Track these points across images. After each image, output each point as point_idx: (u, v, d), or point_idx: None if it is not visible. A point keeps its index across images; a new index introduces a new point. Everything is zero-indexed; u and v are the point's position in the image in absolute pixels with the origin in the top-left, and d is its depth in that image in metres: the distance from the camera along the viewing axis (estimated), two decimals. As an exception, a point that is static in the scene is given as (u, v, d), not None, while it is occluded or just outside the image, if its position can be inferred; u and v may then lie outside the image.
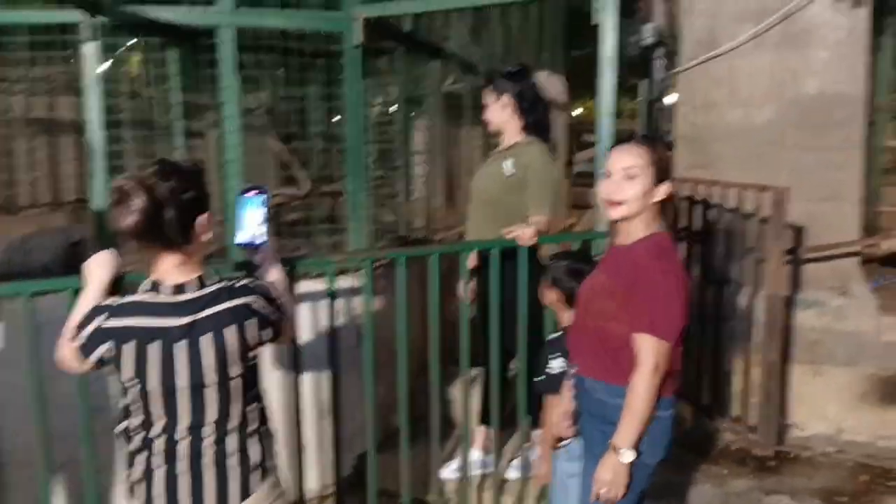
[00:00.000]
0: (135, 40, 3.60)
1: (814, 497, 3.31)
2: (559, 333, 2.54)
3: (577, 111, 23.26)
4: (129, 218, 1.59)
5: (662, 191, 1.95)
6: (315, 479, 3.28)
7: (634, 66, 4.34)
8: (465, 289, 2.93)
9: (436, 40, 4.40)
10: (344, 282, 2.87)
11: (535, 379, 2.61)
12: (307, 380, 3.04)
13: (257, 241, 1.92)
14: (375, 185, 4.01)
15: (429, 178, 4.41)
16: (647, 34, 3.86)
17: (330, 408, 3.26)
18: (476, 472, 3.25)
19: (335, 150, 3.81)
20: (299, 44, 3.47)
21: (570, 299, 2.33)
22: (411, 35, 4.06)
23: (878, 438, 3.69)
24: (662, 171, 1.95)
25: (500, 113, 3.12)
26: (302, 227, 3.92)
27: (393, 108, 4.20)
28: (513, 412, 3.17)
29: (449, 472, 3.31)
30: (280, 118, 4.12)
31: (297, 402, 2.72)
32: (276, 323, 1.82)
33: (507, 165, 3.10)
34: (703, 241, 3.79)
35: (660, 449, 2.00)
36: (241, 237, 1.94)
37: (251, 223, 1.92)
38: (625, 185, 1.92)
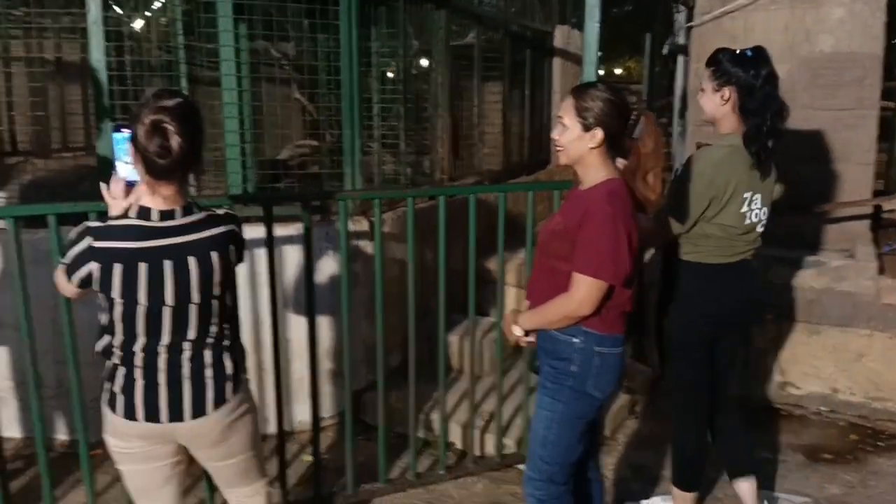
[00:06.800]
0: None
1: (797, 452, 3.37)
2: None
3: (617, 71, 22.92)
4: (163, 151, 1.68)
5: (597, 137, 2.00)
6: (322, 410, 3.35)
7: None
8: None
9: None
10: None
11: None
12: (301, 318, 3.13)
13: (135, 178, 1.85)
14: (383, 136, 4.07)
15: (436, 130, 4.46)
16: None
17: (332, 346, 3.43)
18: None
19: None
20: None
21: None
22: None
23: (871, 400, 3.71)
24: (591, 118, 1.99)
25: None
26: (304, 174, 4.01)
27: (398, 60, 4.23)
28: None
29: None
30: (304, 69, 4.13)
31: (278, 339, 2.77)
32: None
33: None
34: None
35: (606, 384, 2.10)
36: (127, 174, 1.87)
37: (126, 161, 1.85)
38: (558, 132, 2.07)
